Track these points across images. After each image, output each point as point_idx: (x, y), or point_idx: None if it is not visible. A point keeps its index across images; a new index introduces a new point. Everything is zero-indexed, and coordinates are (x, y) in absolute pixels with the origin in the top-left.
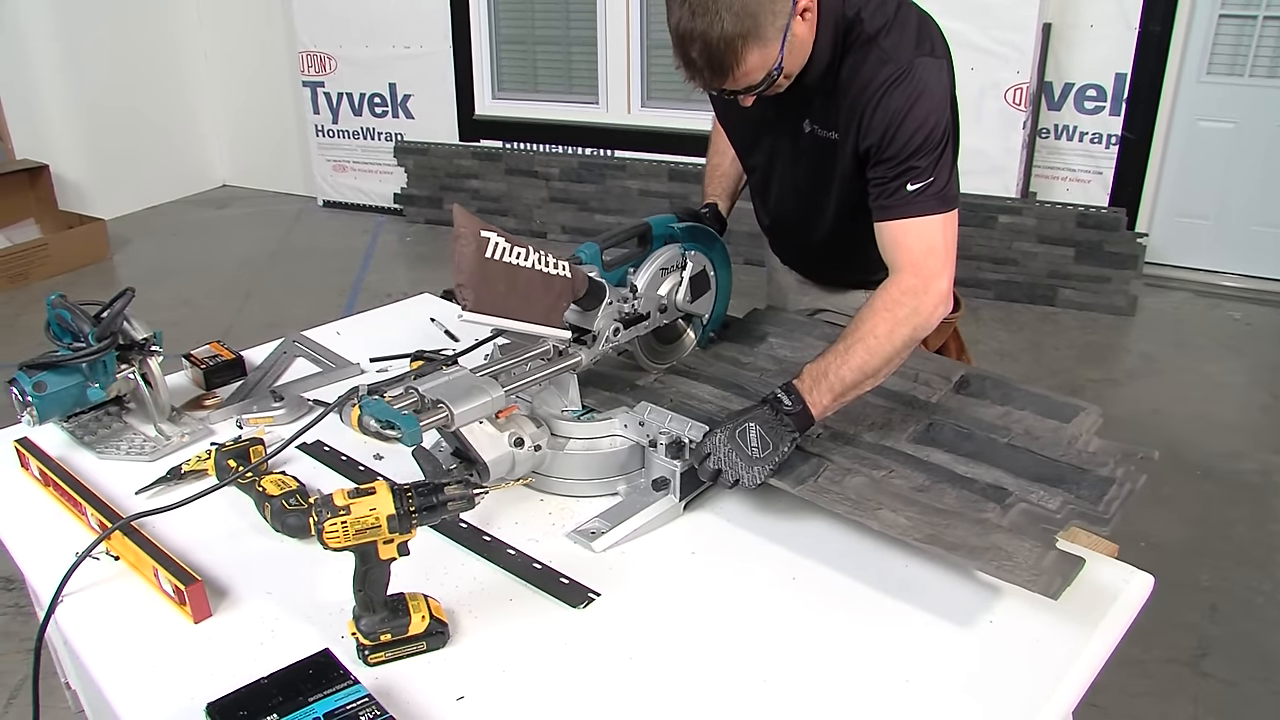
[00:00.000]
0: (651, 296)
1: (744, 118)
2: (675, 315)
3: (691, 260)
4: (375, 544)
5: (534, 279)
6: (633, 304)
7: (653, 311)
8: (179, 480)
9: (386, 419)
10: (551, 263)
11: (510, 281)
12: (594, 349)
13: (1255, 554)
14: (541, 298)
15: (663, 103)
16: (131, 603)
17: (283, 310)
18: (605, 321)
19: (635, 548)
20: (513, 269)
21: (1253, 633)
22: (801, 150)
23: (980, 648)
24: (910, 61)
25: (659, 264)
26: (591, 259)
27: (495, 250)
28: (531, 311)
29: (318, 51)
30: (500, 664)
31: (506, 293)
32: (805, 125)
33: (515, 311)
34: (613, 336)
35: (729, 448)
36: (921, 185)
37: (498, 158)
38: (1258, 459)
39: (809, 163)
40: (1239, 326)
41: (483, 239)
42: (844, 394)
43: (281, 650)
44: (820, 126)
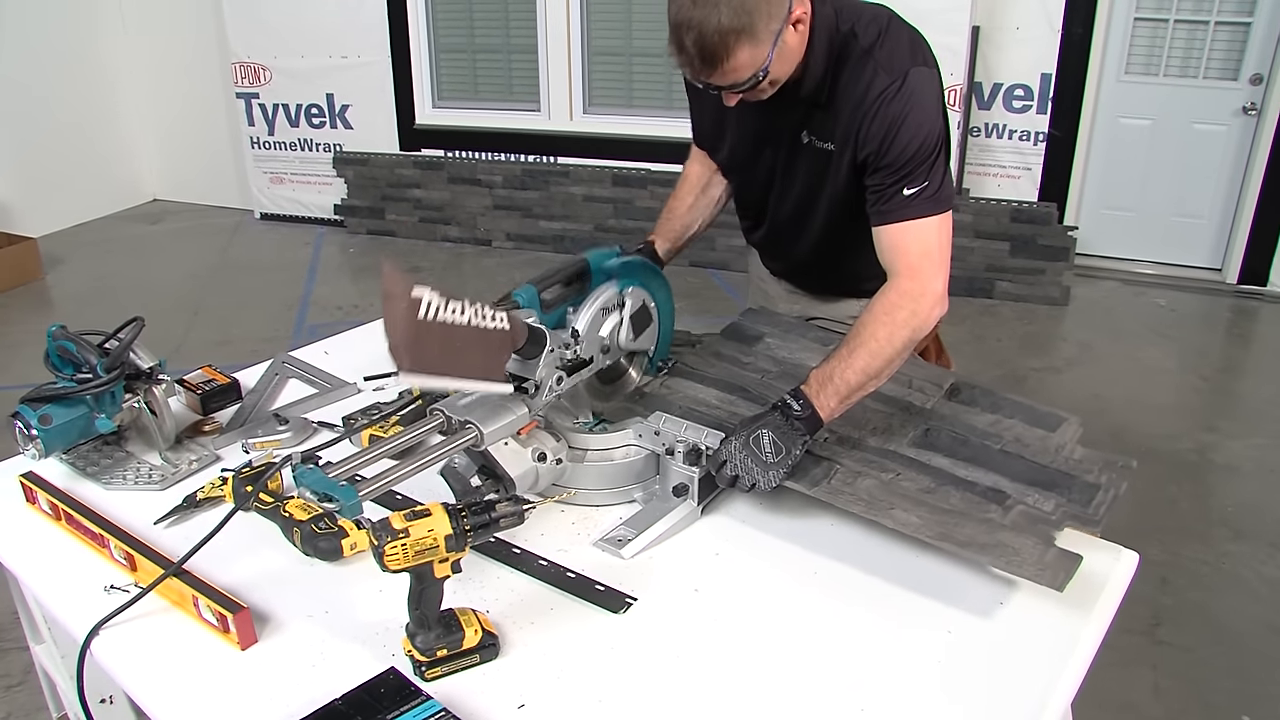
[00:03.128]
0: (593, 339)
1: (747, 133)
2: (619, 355)
3: (630, 297)
4: (432, 563)
5: (471, 335)
6: (574, 350)
7: (595, 355)
8: (195, 508)
9: (323, 490)
10: (489, 315)
11: (446, 340)
12: (538, 399)
13: (1197, 528)
14: (480, 353)
15: (604, 109)
16: (170, 633)
17: (232, 326)
18: (547, 370)
19: (661, 552)
20: (448, 327)
21: (1201, 601)
22: (799, 161)
23: (993, 634)
24: (905, 72)
25: (599, 304)
26: (530, 302)
27: (428, 310)
28: (471, 368)
29: (252, 62)
30: (553, 671)
31: (443, 352)
32: (804, 137)
33: (454, 369)
34: (556, 385)
35: (744, 454)
36: (917, 189)
37: (440, 166)
38: (1193, 438)
39: (806, 173)
40: (1165, 312)
41: (414, 300)
42: (849, 396)
43: (335, 672)
44: (818, 138)
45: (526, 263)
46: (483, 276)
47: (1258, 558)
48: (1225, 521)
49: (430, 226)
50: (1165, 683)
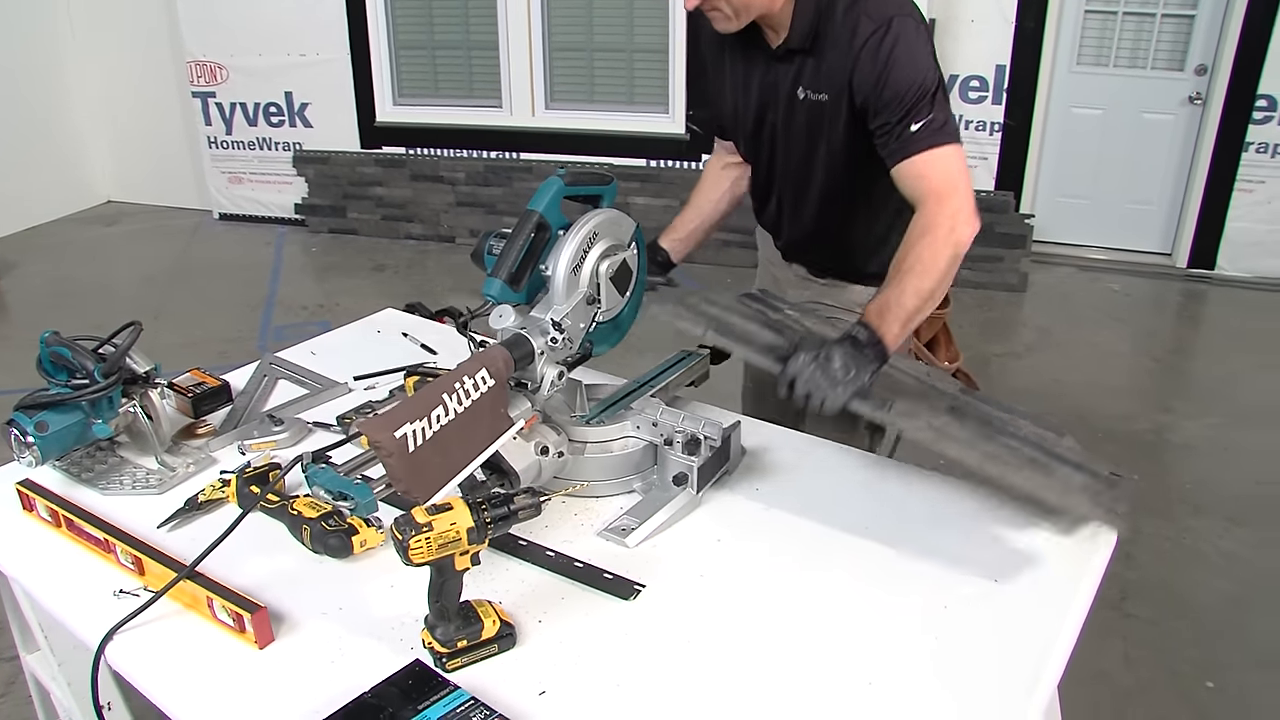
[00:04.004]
0: (578, 318)
1: (750, 100)
2: (612, 304)
3: (600, 241)
4: (453, 556)
5: (465, 420)
6: (563, 340)
7: (581, 334)
8: (198, 510)
9: (338, 489)
10: (472, 386)
11: (445, 447)
12: (539, 395)
13: (1158, 505)
14: (482, 424)
15: (566, 104)
16: (184, 636)
17: (197, 328)
18: (547, 368)
19: (664, 540)
20: (441, 434)
21: (1164, 575)
22: (796, 118)
23: (986, 611)
24: (889, 18)
25: (565, 270)
26: (501, 294)
27: (417, 438)
28: (480, 441)
29: (207, 61)
30: (570, 658)
31: (448, 457)
32: (800, 92)
33: (465, 459)
34: (557, 380)
35: (814, 369)
36: (924, 122)
37: (401, 164)
38: (1149, 419)
39: (803, 128)
40: (1119, 297)
41: (401, 440)
42: (909, 320)
43: (355, 667)
44: (812, 90)
45: None
46: (448, 274)
47: (1215, 532)
48: (1184, 498)
49: (393, 224)
50: (1134, 653)
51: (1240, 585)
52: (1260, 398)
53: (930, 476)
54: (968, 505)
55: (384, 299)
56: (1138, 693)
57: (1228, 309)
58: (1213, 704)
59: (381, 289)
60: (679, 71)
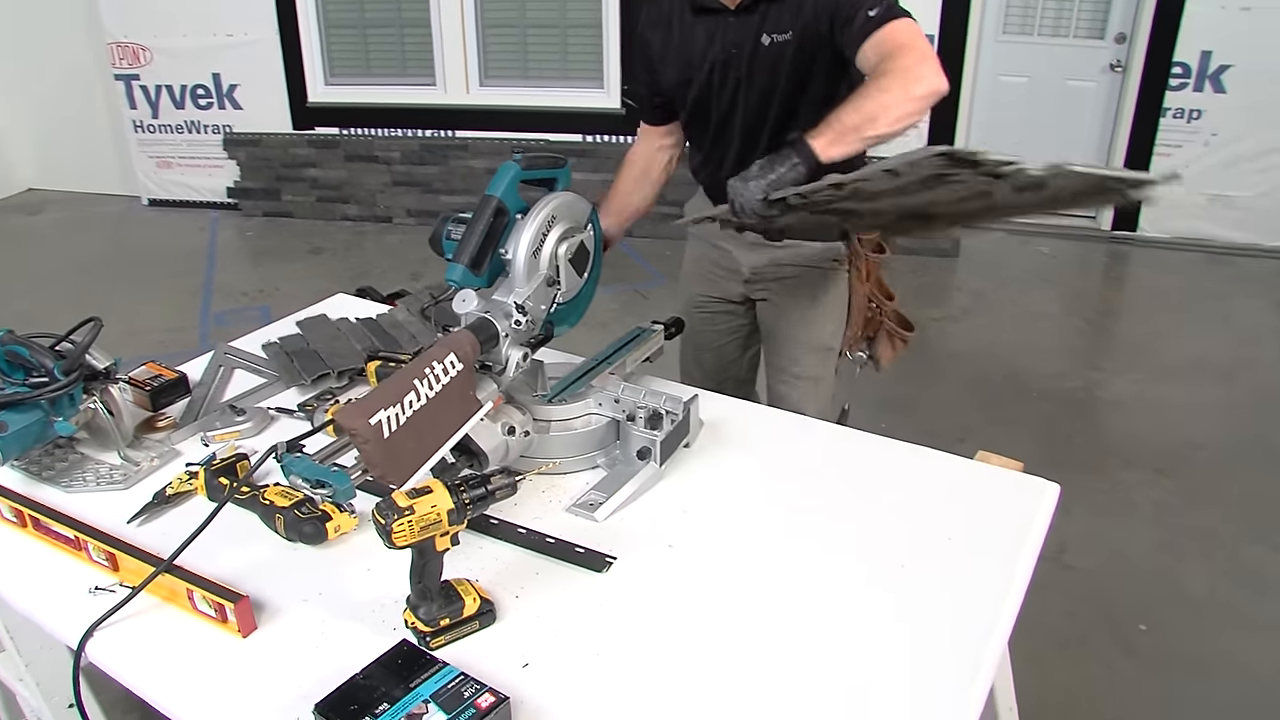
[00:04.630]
0: (539, 300)
1: (707, 60)
2: (571, 285)
3: (558, 223)
4: (434, 538)
5: (436, 405)
6: (525, 322)
7: (543, 315)
8: (167, 503)
9: (315, 478)
10: (441, 371)
11: (418, 430)
12: (505, 377)
13: (1091, 460)
14: (452, 406)
15: (501, 81)
16: (165, 629)
17: (135, 318)
18: (511, 350)
19: (630, 513)
20: (414, 419)
21: (1099, 527)
22: (760, 63)
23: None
24: None
25: (525, 254)
26: (464, 279)
27: (391, 424)
28: (451, 424)
29: (129, 42)
30: (549, 630)
31: (421, 440)
32: (764, 39)
33: (437, 442)
34: (522, 362)
35: (738, 184)
36: (879, 7)
37: (335, 145)
38: (1081, 376)
39: (766, 71)
40: (1047, 260)
41: (376, 427)
42: (844, 133)
43: (340, 650)
44: (777, 33)
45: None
46: (387, 255)
47: (1145, 483)
48: (1115, 452)
49: (328, 206)
50: (1074, 603)
51: (1168, 533)
52: (1182, 353)
53: (884, 442)
54: (919, 467)
55: (323, 281)
56: (1076, 640)
57: (1150, 269)
58: (1146, 645)
59: (320, 271)
60: (613, 46)
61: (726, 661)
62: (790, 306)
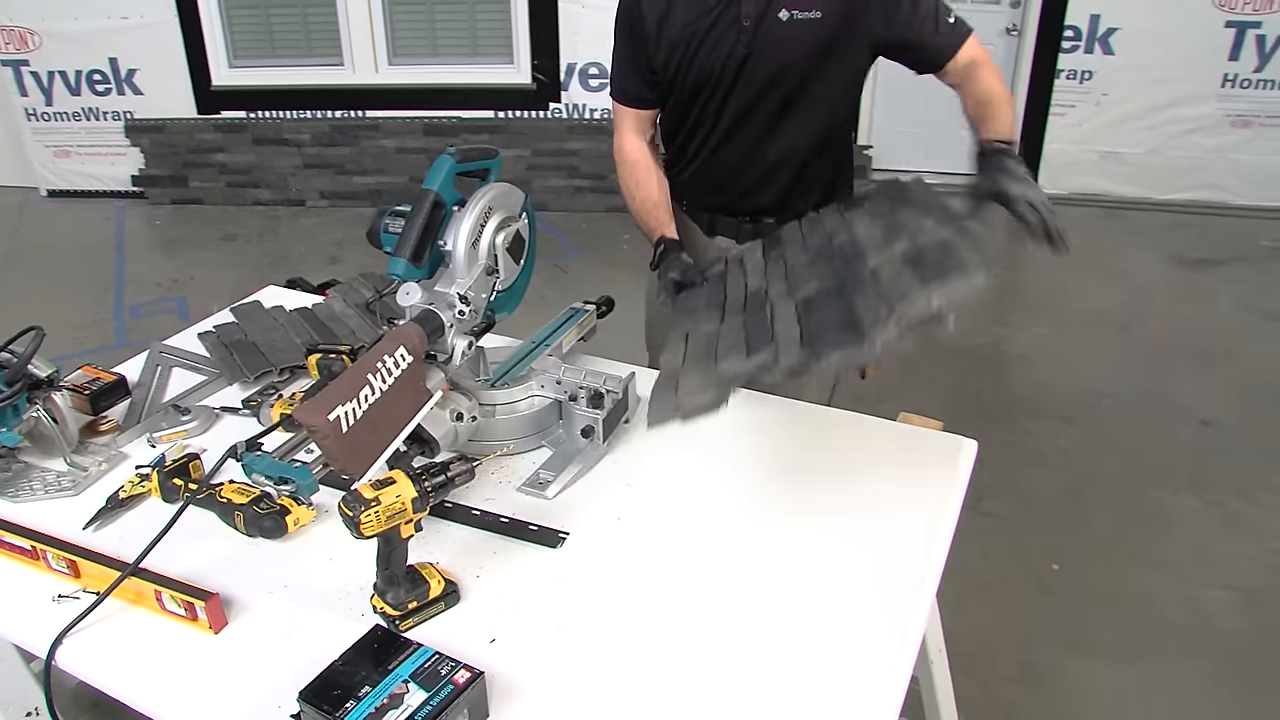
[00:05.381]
0: (480, 289)
1: (716, 53)
2: (509, 273)
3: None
4: (399, 526)
5: (390, 397)
6: (469, 312)
7: (484, 304)
8: (121, 507)
9: (278, 475)
10: (393, 364)
11: (374, 422)
12: (451, 366)
13: (1000, 411)
14: (405, 399)
15: (410, 59)
16: (134, 631)
17: (44, 315)
18: (457, 339)
19: (578, 490)
20: (370, 412)
21: (1011, 475)
22: (774, 40)
23: (874, 523)
24: None
25: (464, 244)
26: (406, 273)
27: (348, 419)
28: (404, 415)
29: (14, 26)
30: (511, 606)
31: (377, 432)
32: (782, 14)
33: (392, 433)
34: (467, 350)
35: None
36: (953, 18)
37: (242, 128)
38: (989, 332)
39: (782, 49)
40: None
41: (335, 422)
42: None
43: (312, 639)
44: (798, 9)
45: (345, 220)
46: (302, 239)
47: (1051, 432)
48: (1023, 404)
49: (239, 191)
50: (990, 547)
51: (1074, 478)
52: (1083, 306)
53: (815, 409)
54: (849, 432)
55: (239, 269)
56: (996, 582)
57: None
58: (1058, 583)
59: (235, 259)
60: (521, 21)
61: (678, 625)
62: None
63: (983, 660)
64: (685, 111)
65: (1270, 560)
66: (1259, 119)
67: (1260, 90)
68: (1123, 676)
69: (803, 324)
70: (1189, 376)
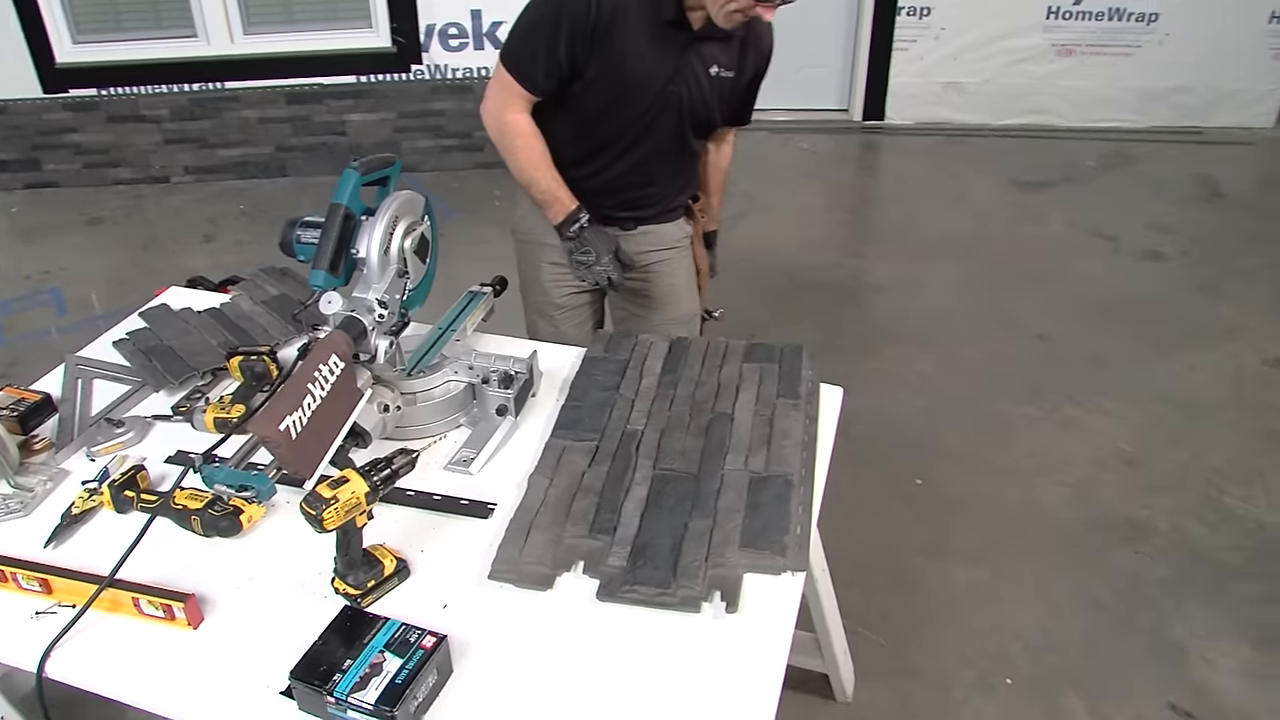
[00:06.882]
0: (394, 291)
1: (657, 71)
2: (417, 273)
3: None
4: (355, 518)
5: (329, 402)
6: (387, 314)
7: (399, 304)
8: (76, 522)
9: (238, 483)
10: (327, 373)
11: (317, 426)
12: (375, 364)
13: (864, 342)
14: (340, 400)
15: (266, 27)
16: (115, 636)
17: None
18: (379, 340)
19: (497, 463)
20: (313, 418)
21: (876, 399)
22: (705, 92)
23: None
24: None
25: (376, 252)
26: (325, 282)
27: (297, 426)
28: (341, 415)
29: None
30: (458, 574)
31: (320, 434)
32: (713, 70)
33: (335, 432)
34: (389, 349)
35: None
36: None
37: (95, 106)
38: (847, 265)
39: (706, 100)
40: (808, 156)
41: (285, 431)
42: None
43: (286, 624)
44: (725, 68)
45: (215, 195)
46: (172, 217)
47: (909, 357)
48: (882, 332)
49: (98, 171)
50: (860, 470)
51: (931, 399)
52: (931, 234)
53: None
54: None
55: (110, 254)
56: (866, 501)
57: (898, 155)
58: (921, 496)
59: (104, 243)
60: None
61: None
62: (657, 290)
63: (861, 573)
64: (594, 125)
65: (1095, 455)
66: (1080, 47)
67: (1080, 21)
68: (978, 574)
69: (640, 533)
70: (1027, 294)
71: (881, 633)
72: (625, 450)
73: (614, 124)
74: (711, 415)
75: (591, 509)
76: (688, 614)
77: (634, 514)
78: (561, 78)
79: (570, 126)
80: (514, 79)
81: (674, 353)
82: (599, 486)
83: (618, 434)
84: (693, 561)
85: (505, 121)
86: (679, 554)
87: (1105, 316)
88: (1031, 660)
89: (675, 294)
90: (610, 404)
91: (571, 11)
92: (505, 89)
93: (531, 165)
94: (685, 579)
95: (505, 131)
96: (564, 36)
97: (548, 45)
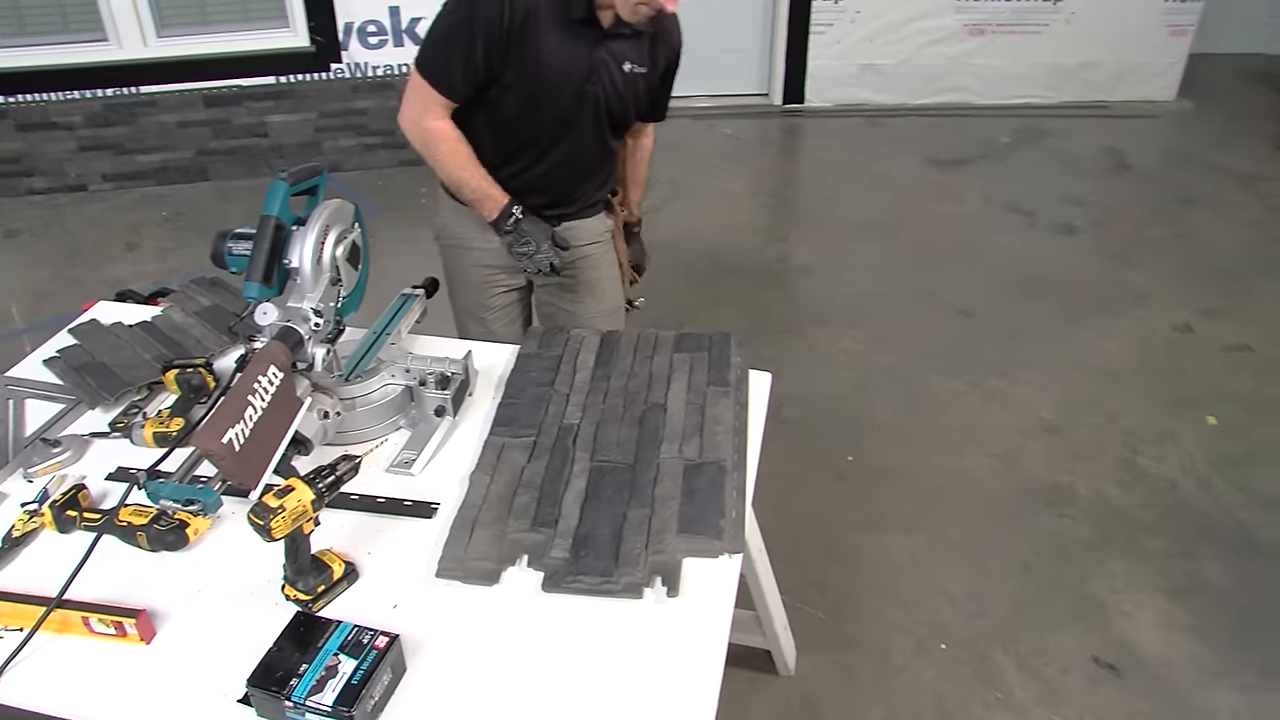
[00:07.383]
0: (328, 300)
1: (571, 70)
2: (350, 280)
3: (332, 229)
4: (302, 525)
5: (269, 413)
6: (323, 323)
7: (334, 311)
8: (17, 545)
9: (184, 497)
10: (267, 383)
11: (260, 437)
12: (314, 372)
13: (790, 323)
14: (281, 410)
15: (180, 29)
16: (65, 656)
17: None
18: (316, 348)
19: (439, 461)
20: (255, 429)
21: (805, 380)
22: (620, 89)
23: None
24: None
25: (309, 261)
26: (260, 294)
27: (239, 439)
28: (283, 425)
29: None
30: (405, 574)
31: (262, 446)
32: (626, 66)
33: (277, 441)
34: (326, 357)
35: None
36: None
37: (3, 115)
38: (772, 249)
39: (621, 97)
40: (731, 141)
41: (228, 444)
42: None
43: (239, 634)
44: (637, 64)
45: (136, 202)
46: (92, 226)
47: (836, 337)
48: (809, 313)
49: (11, 182)
50: (793, 449)
51: (859, 375)
52: (854, 215)
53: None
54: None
55: (30, 266)
56: (800, 479)
57: (819, 138)
58: (853, 471)
59: (24, 256)
60: None
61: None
62: (582, 284)
63: (797, 550)
64: (514, 126)
65: (1019, 425)
66: (991, 26)
67: (990, 1)
68: (912, 543)
69: (580, 525)
70: (949, 271)
71: (820, 606)
72: (563, 444)
73: (533, 125)
74: (645, 406)
75: (533, 503)
76: (631, 600)
77: (574, 506)
78: (479, 83)
79: (490, 129)
80: (431, 87)
81: (605, 346)
82: (539, 481)
83: (554, 429)
84: (633, 549)
85: (427, 129)
86: (619, 543)
87: (1024, 290)
88: (964, 623)
89: (600, 287)
90: (546, 399)
91: (485, 17)
92: (423, 97)
93: (459, 168)
94: (627, 567)
95: (428, 139)
96: (480, 42)
97: (464, 52)
